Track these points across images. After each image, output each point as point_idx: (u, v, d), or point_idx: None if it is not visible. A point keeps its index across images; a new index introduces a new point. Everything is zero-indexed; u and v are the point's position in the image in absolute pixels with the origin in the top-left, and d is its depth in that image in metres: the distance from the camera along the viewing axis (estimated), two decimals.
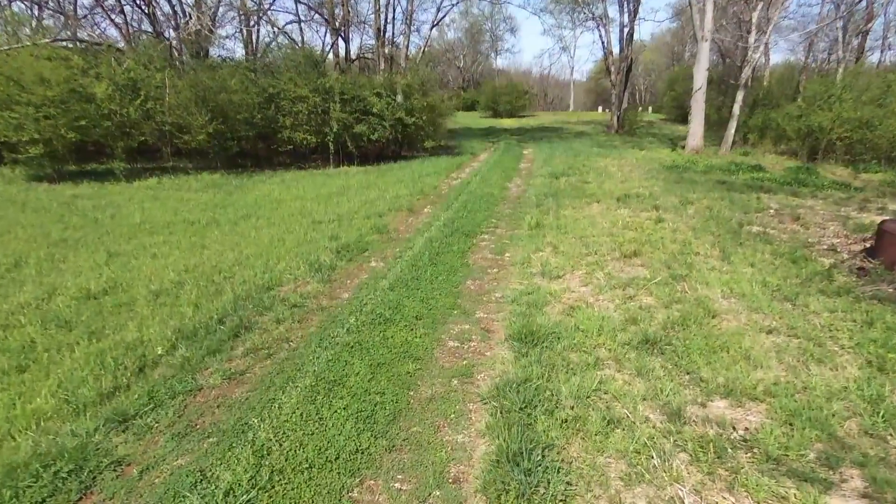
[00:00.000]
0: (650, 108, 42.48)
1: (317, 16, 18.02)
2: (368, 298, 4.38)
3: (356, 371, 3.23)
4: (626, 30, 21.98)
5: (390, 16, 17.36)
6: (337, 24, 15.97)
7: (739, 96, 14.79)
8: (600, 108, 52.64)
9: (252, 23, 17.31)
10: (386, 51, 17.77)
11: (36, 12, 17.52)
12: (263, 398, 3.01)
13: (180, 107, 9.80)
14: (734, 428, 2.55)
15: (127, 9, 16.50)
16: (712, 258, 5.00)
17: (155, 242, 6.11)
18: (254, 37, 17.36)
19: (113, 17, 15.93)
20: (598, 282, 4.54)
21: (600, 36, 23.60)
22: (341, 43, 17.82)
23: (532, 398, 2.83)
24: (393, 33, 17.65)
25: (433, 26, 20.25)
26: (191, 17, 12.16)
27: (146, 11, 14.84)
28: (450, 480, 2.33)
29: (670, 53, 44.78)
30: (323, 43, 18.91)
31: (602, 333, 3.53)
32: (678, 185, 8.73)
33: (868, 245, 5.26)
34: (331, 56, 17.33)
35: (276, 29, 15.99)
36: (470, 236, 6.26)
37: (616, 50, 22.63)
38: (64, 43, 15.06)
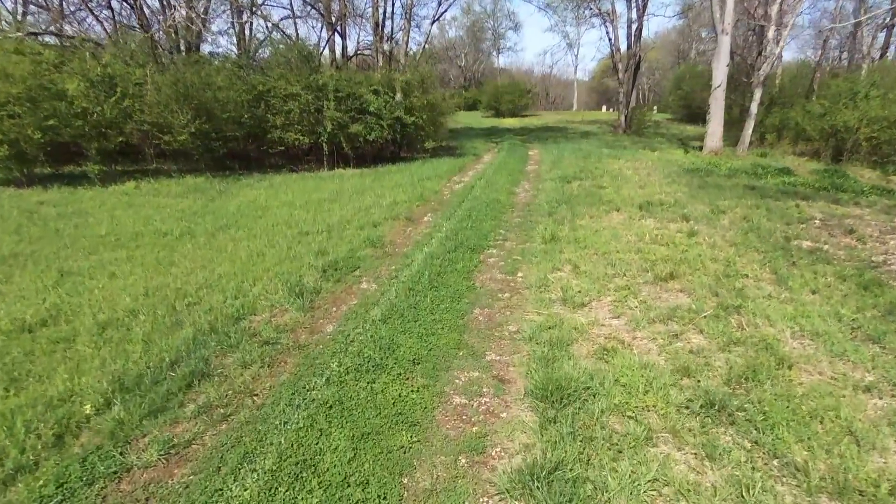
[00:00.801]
0: (655, 108, 41.63)
1: (312, 11, 17.29)
2: (356, 333, 3.63)
3: (333, 445, 2.48)
4: (634, 26, 21.20)
5: (389, 10, 16.64)
6: (333, 19, 15.22)
7: (757, 94, 14.01)
8: (604, 108, 51.89)
9: (245, 18, 16.57)
10: (385, 47, 17.02)
11: (21, 7, 16.81)
12: (208, 488, 2.26)
13: (160, 105, 9.05)
14: None
15: (115, 5, 15.81)
16: (765, 282, 4.24)
17: (117, 258, 5.36)
18: (247, 33, 16.61)
19: (99, 12, 15.20)
20: (632, 313, 3.78)
21: (607, 32, 22.81)
22: (338, 40, 17.08)
23: (569, 498, 2.07)
24: (392, 29, 16.93)
25: (434, 21, 19.49)
26: (175, 9, 11.40)
27: (133, 5, 14.10)
28: None
29: (675, 52, 43.95)
30: (319, 39, 18.17)
31: (650, 390, 2.77)
32: (703, 190, 7.96)
33: None
34: (327, 53, 16.61)
35: (269, 24, 15.26)
36: (476, 251, 5.50)
37: (623, 47, 21.86)
38: (48, 38, 14.35)
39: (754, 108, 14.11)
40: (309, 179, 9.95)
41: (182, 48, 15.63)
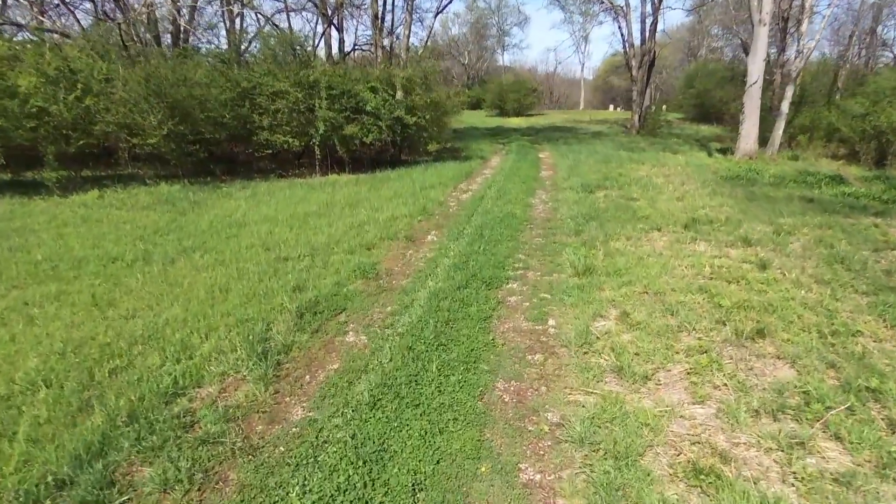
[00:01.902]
0: (664, 107, 40.42)
1: (308, 3, 16.19)
2: (332, 428, 2.56)
3: None
4: (648, 20, 20.05)
5: (390, 2, 15.54)
6: (329, 10, 14.14)
7: (788, 92, 12.87)
8: (611, 107, 50.72)
9: (235, 10, 15.49)
10: (385, 42, 15.94)
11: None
12: None
13: (127, 103, 7.99)
14: None
15: None
16: (889, 342, 3.14)
17: (45, 295, 4.28)
18: (237, 28, 15.54)
19: (79, 4, 14.16)
20: (720, 395, 2.70)
21: (619, 28, 21.70)
22: (335, 34, 16.00)
23: None
24: (392, 23, 15.84)
25: (437, 14, 18.38)
26: None
27: None
28: None
29: (686, 49, 42.69)
30: (314, 34, 17.11)
31: None
32: (754, 203, 6.85)
33: None
34: (322, 49, 15.52)
35: (259, 16, 14.19)
36: (492, 286, 4.42)
37: (637, 43, 20.70)
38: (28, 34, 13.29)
39: (785, 106, 12.98)
40: (297, 187, 8.87)
41: (168, 43, 14.59)
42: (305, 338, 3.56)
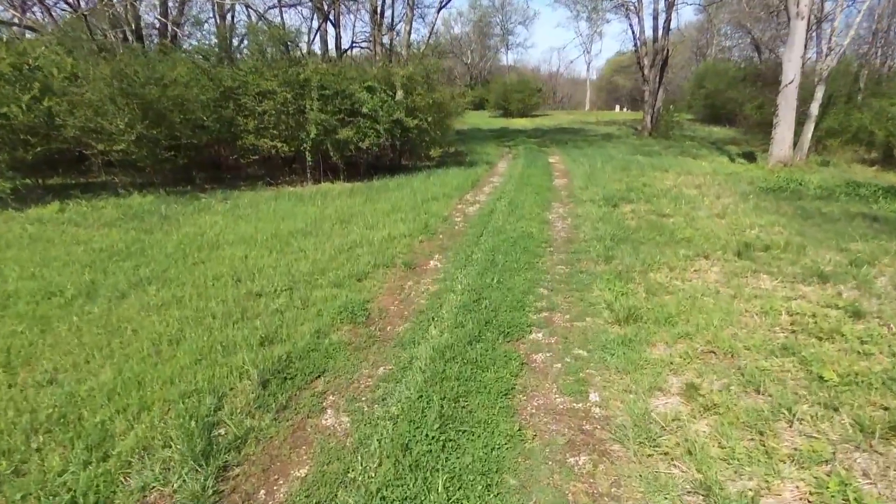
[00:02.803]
0: (671, 107, 39.41)
1: None
2: None
3: None
4: (661, 17, 19.12)
5: None
6: (325, 5, 13.25)
7: (819, 92, 11.94)
8: (617, 107, 49.77)
9: (226, 7, 14.62)
10: (385, 39, 15.04)
11: None
12: None
13: (91, 105, 7.10)
14: None
15: None
16: None
17: None
18: (228, 24, 14.65)
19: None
20: None
21: (630, 26, 20.78)
22: (331, 31, 15.11)
23: None
24: (392, 18, 14.96)
25: (440, 9, 17.47)
26: None
27: None
28: None
29: (694, 48, 41.67)
30: (309, 30, 16.23)
31: None
32: (809, 222, 5.93)
33: None
34: (319, 47, 14.63)
35: (252, 12, 13.31)
36: (511, 335, 3.52)
37: (650, 41, 19.76)
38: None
39: (814, 108, 12.04)
40: (285, 199, 7.98)
41: (155, 41, 13.74)
42: (267, 421, 2.67)
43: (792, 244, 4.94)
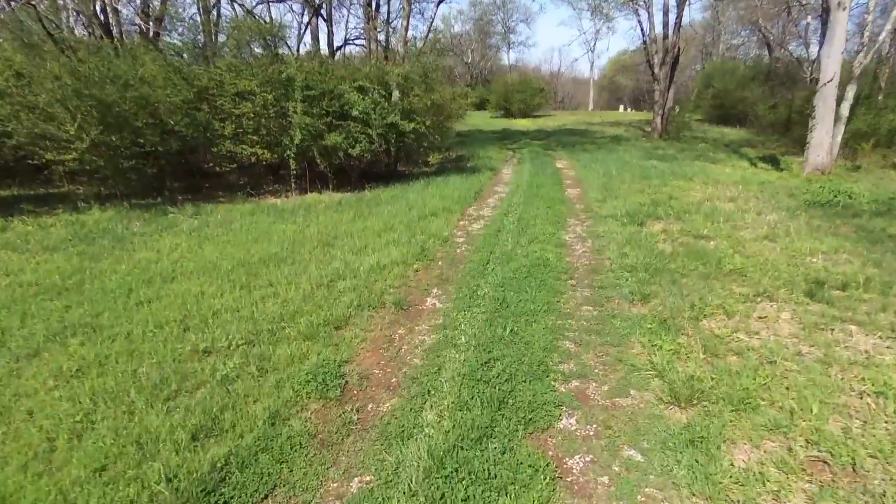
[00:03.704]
0: (677, 107, 38.42)
1: None
2: None
3: None
4: (672, 14, 18.17)
5: None
6: (316, 1, 12.32)
7: (850, 92, 10.97)
8: (621, 107, 48.81)
9: (212, 1, 13.69)
10: (380, 36, 14.11)
11: None
12: None
13: (36, 109, 6.20)
14: None
15: None
16: None
17: None
18: (213, 20, 13.72)
19: None
20: None
21: (639, 22, 19.86)
22: (324, 28, 14.16)
23: None
24: (388, 13, 14.04)
25: (440, 2, 16.51)
26: None
27: None
28: None
29: (701, 46, 40.65)
30: (300, 25, 15.29)
31: None
32: (878, 247, 5.00)
33: None
34: (308, 44, 13.69)
35: (239, 7, 12.39)
36: (533, 425, 2.60)
37: (660, 37, 18.83)
38: None
39: (845, 109, 11.06)
40: (263, 214, 7.05)
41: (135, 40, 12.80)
42: None
43: (873, 280, 4.02)
